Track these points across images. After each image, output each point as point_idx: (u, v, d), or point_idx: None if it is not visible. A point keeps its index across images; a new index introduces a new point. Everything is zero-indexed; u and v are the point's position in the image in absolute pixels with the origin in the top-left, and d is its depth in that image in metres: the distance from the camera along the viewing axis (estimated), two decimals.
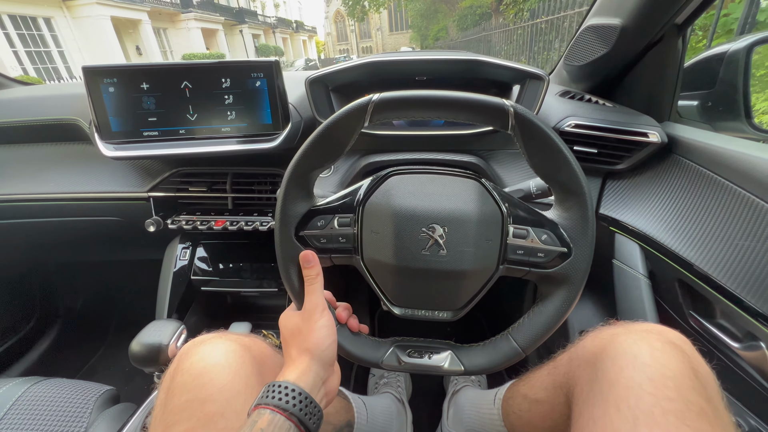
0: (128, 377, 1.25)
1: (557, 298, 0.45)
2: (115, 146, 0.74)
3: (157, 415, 0.43)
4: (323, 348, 0.44)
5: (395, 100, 0.42)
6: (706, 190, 0.61)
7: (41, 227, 0.96)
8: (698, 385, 0.36)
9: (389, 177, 0.49)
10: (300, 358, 0.43)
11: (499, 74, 0.74)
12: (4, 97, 0.94)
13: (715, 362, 0.40)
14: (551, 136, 0.41)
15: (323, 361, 0.43)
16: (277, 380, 0.40)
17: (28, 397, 0.66)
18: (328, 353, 0.44)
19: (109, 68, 0.69)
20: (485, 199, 0.47)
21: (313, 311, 0.45)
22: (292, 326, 0.46)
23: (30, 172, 0.91)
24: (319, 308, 0.45)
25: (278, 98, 0.72)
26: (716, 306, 0.58)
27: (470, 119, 0.43)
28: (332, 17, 53.63)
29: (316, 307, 0.45)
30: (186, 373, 0.44)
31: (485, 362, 0.47)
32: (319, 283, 0.46)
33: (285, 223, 0.47)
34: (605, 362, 0.40)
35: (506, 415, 0.64)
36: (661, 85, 0.75)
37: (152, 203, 0.87)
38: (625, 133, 0.70)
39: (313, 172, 0.47)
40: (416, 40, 23.23)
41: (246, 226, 0.82)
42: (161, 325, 0.59)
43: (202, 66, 0.70)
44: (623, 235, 0.71)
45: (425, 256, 0.45)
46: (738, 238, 0.53)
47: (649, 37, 0.69)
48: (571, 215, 0.44)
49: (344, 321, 0.50)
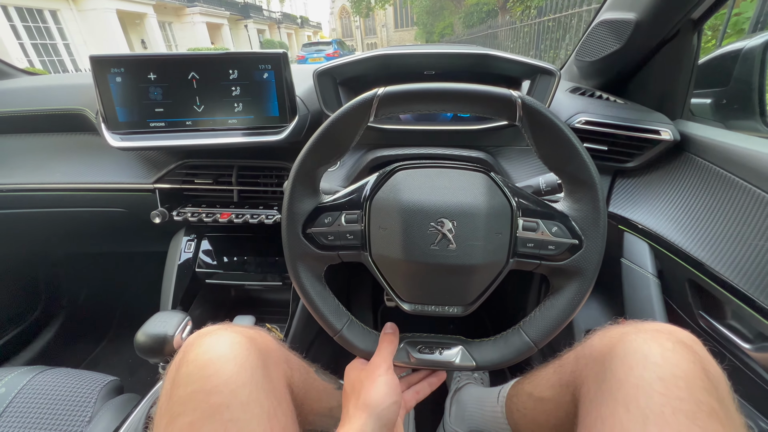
0: (131, 368, 1.25)
1: (569, 291, 0.44)
2: (121, 136, 0.73)
3: (162, 405, 0.43)
4: (383, 406, 0.42)
5: (400, 93, 0.41)
6: (719, 189, 0.60)
7: (46, 218, 0.97)
8: (709, 385, 0.36)
9: (396, 172, 0.49)
10: (357, 414, 0.41)
11: (509, 69, 0.73)
12: (11, 87, 0.94)
13: (726, 363, 0.39)
14: (560, 126, 0.40)
15: (382, 421, 0.41)
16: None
17: (33, 385, 0.66)
18: (388, 413, 0.42)
19: (117, 58, 0.69)
20: (494, 192, 0.46)
21: (378, 366, 0.43)
22: (353, 379, 0.44)
23: (36, 162, 0.91)
24: (384, 366, 0.44)
25: (285, 91, 0.72)
26: (727, 306, 0.57)
27: (477, 111, 0.42)
28: (337, 13, 53.41)
29: (382, 363, 0.43)
30: (191, 365, 0.43)
31: (497, 357, 0.46)
32: (393, 346, 0.46)
33: (292, 221, 0.46)
34: (614, 361, 0.40)
35: (510, 413, 0.63)
36: (675, 82, 0.73)
37: (158, 195, 0.87)
38: (636, 130, 0.69)
39: (319, 168, 0.46)
40: (421, 37, 23.08)
41: (251, 219, 0.82)
42: (167, 317, 0.59)
43: (209, 57, 0.70)
44: (632, 233, 0.70)
45: (434, 250, 0.44)
46: (752, 238, 0.52)
47: (663, 33, 0.68)
48: (582, 206, 0.44)
49: (409, 406, 0.50)
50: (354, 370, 0.45)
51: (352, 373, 0.45)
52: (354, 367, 0.45)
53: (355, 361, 0.47)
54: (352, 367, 0.46)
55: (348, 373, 0.46)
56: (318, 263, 0.49)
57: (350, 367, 0.46)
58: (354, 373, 0.44)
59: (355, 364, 0.46)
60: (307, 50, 14.84)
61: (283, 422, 0.43)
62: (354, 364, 0.46)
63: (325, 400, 0.60)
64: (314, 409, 0.56)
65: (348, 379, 0.45)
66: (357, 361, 0.47)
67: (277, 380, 0.46)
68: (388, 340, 0.47)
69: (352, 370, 0.45)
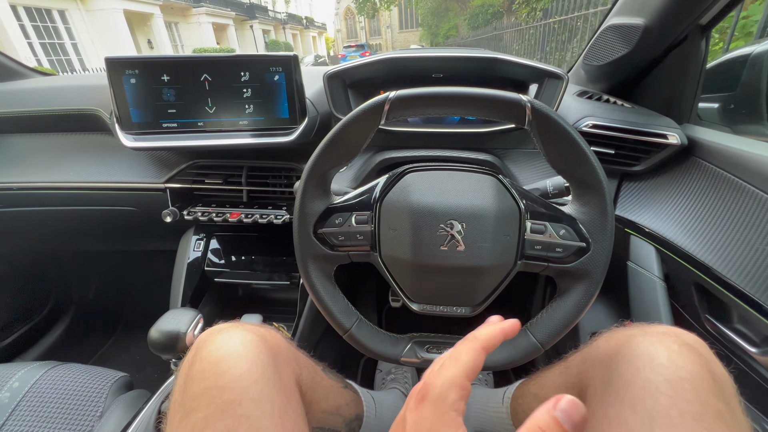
0: (139, 365, 1.27)
1: (576, 293, 0.45)
2: (135, 137, 0.75)
3: (175, 401, 0.44)
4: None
5: (412, 97, 0.42)
6: (727, 193, 0.60)
7: (59, 216, 0.98)
8: (716, 388, 0.36)
9: (406, 174, 0.49)
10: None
11: (518, 73, 0.74)
12: (26, 87, 0.96)
13: (732, 367, 0.40)
14: (568, 130, 0.41)
15: None
16: None
17: (46, 380, 0.68)
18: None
19: (132, 60, 0.70)
20: (503, 194, 0.47)
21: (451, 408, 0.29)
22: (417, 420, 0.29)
23: (49, 161, 0.93)
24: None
25: (296, 93, 0.73)
26: (734, 310, 0.57)
27: (487, 115, 0.43)
28: (342, 14, 53.51)
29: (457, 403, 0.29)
30: (204, 361, 0.44)
31: (504, 357, 0.47)
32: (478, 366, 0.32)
33: (303, 221, 0.47)
34: (621, 363, 0.40)
35: (515, 414, 0.64)
36: (682, 86, 0.74)
37: (169, 194, 0.88)
38: (643, 134, 0.69)
39: (330, 170, 0.47)
40: (426, 38, 23.10)
41: (261, 219, 0.83)
42: (179, 314, 0.60)
43: (221, 59, 0.71)
44: (639, 237, 0.70)
45: (443, 252, 0.45)
46: (758, 242, 0.53)
47: (672, 38, 0.68)
48: (590, 209, 0.44)
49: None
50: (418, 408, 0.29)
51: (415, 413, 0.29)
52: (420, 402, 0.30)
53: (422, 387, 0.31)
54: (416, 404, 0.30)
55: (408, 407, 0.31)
56: (328, 263, 0.50)
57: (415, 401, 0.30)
58: (416, 413, 0.29)
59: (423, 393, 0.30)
60: (347, 50, 21.84)
61: (294, 419, 0.43)
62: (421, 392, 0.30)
63: (332, 398, 0.60)
64: (321, 406, 0.57)
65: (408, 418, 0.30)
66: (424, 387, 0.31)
67: (287, 378, 0.47)
68: (474, 353, 0.32)
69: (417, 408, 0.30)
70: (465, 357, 0.32)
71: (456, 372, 0.30)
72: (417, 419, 0.29)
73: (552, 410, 0.25)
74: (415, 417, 0.29)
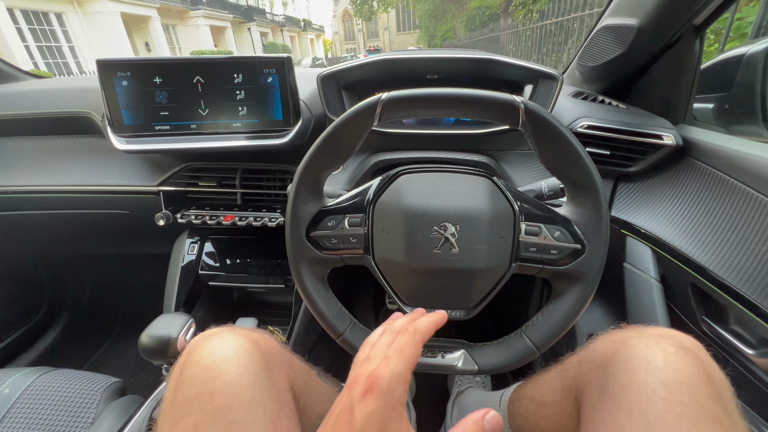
0: (134, 370, 1.26)
1: (572, 296, 0.44)
2: (127, 139, 0.74)
3: (166, 407, 0.43)
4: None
5: (404, 98, 0.42)
6: (722, 194, 0.60)
7: (51, 219, 0.97)
8: (713, 391, 0.36)
9: (399, 176, 0.49)
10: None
11: (512, 74, 0.74)
12: (18, 90, 0.95)
13: (729, 369, 0.39)
14: (562, 132, 0.41)
15: None
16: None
17: (36, 386, 0.67)
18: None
19: (123, 62, 0.70)
20: (497, 196, 0.46)
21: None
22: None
23: (42, 164, 0.92)
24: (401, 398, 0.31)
25: (290, 94, 0.72)
26: (730, 312, 0.57)
27: (480, 116, 0.43)
28: (340, 16, 53.69)
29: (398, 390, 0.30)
30: (195, 366, 0.44)
31: (500, 361, 0.46)
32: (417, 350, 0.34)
33: (296, 224, 0.47)
34: (617, 366, 0.40)
35: (512, 417, 0.63)
36: (677, 87, 0.74)
37: (162, 197, 0.87)
38: (638, 135, 0.69)
39: (323, 172, 0.47)
40: (424, 40, 23.20)
41: (255, 221, 0.83)
42: (170, 319, 0.60)
43: (214, 61, 0.70)
44: (635, 238, 0.70)
45: (437, 254, 0.45)
46: (754, 243, 0.52)
47: (666, 39, 0.68)
48: (584, 211, 0.44)
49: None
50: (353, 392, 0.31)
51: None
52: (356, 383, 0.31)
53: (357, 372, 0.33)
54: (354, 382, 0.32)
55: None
56: (321, 266, 0.49)
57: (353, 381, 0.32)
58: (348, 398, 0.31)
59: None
60: (369, 53, 22.96)
61: (286, 424, 0.43)
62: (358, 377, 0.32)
63: (327, 402, 0.60)
64: (316, 411, 0.56)
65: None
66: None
67: (280, 383, 0.46)
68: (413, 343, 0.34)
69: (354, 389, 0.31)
70: (409, 350, 0.33)
71: (402, 366, 0.31)
72: (367, 412, 0.29)
73: (481, 420, 0.31)
74: (364, 409, 0.29)
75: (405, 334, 0.34)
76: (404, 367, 0.31)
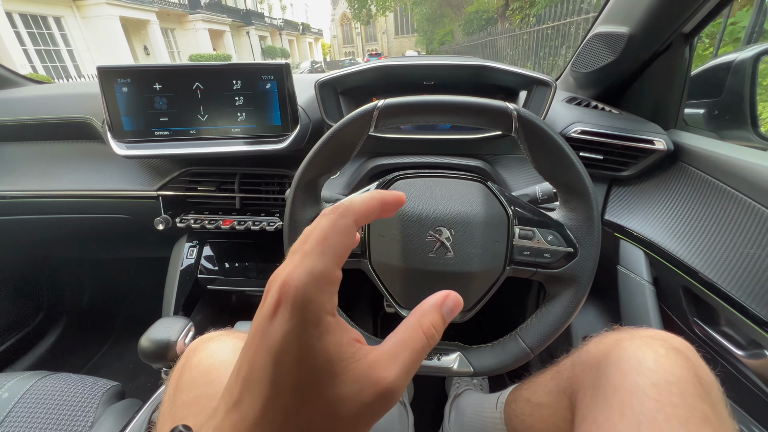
0: (132, 374, 1.26)
1: (565, 298, 0.45)
2: (127, 145, 0.75)
3: (165, 410, 0.44)
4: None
5: (400, 105, 0.43)
6: (712, 198, 0.61)
7: (51, 223, 0.98)
8: (702, 391, 0.37)
9: (396, 181, 0.50)
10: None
11: (507, 80, 0.75)
12: (18, 95, 0.96)
13: (719, 370, 0.40)
14: (554, 138, 0.42)
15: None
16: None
17: (35, 391, 0.67)
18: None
19: (124, 68, 0.71)
20: (491, 201, 0.47)
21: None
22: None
23: (41, 169, 0.93)
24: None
25: (288, 100, 0.73)
26: (721, 314, 0.58)
27: (475, 123, 0.44)
28: (338, 20, 53.93)
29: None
30: (194, 370, 0.44)
31: (494, 363, 0.47)
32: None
33: (294, 229, 0.47)
34: (609, 367, 0.40)
35: (508, 419, 0.64)
36: (668, 93, 0.75)
37: (161, 202, 0.88)
38: (630, 140, 0.70)
39: (321, 177, 0.48)
40: (422, 44, 23.33)
41: (253, 226, 0.83)
42: (170, 322, 0.60)
43: (213, 68, 0.71)
44: (628, 241, 0.71)
45: (433, 258, 0.45)
46: (743, 246, 0.54)
47: (656, 46, 0.70)
48: (576, 215, 0.45)
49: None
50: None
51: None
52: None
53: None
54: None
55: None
56: None
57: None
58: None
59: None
60: (371, 57, 25.78)
61: None
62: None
63: None
64: None
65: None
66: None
67: None
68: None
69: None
70: (334, 239, 0.22)
71: (323, 263, 0.21)
72: (279, 335, 0.19)
73: (440, 307, 0.24)
74: (276, 332, 0.20)
75: (329, 215, 0.23)
76: (326, 263, 0.21)
